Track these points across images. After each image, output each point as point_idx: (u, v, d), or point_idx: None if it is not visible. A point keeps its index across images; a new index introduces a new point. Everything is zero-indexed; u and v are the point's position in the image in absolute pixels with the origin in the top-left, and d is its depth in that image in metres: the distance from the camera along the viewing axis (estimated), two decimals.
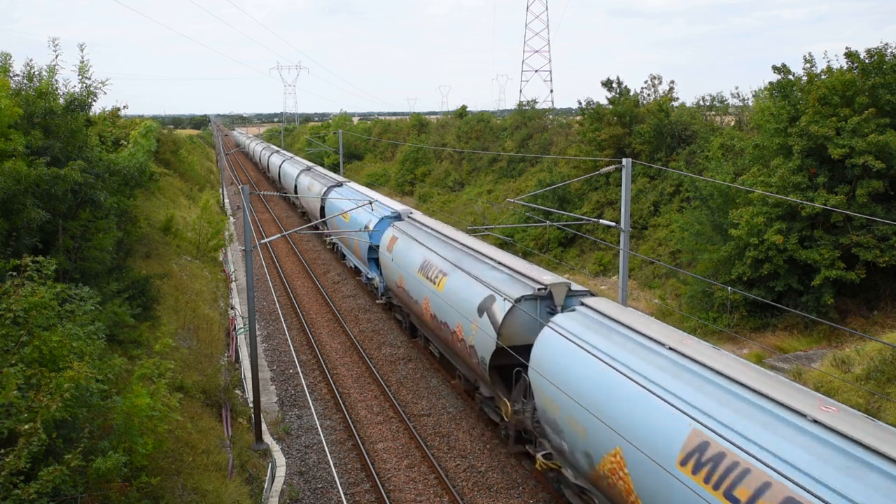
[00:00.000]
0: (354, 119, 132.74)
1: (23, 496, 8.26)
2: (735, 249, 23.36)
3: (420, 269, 22.07)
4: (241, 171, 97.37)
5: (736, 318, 23.85)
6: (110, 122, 32.16)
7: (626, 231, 18.81)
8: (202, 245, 34.11)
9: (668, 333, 12.83)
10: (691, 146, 34.37)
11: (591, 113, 40.08)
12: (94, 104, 17.96)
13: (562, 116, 62.83)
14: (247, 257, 18.27)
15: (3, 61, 17.28)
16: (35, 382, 9.40)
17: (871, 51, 22.61)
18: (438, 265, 20.83)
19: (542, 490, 16.02)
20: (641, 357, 12.18)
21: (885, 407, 15.57)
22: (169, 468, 12.96)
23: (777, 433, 9.27)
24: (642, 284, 30.56)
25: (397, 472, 17.05)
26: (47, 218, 14.13)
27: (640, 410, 11.24)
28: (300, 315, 29.47)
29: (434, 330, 21.25)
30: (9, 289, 10.24)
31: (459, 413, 20.06)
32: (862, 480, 8.06)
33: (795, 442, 8.99)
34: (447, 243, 22.06)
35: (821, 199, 21.41)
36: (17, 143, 13.96)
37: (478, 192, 50.89)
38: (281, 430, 19.29)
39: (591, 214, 36.22)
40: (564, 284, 16.07)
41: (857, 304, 22.49)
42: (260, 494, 15.63)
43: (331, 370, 23.49)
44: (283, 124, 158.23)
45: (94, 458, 9.71)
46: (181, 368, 17.98)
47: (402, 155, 67.79)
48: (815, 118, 22.11)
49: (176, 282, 25.75)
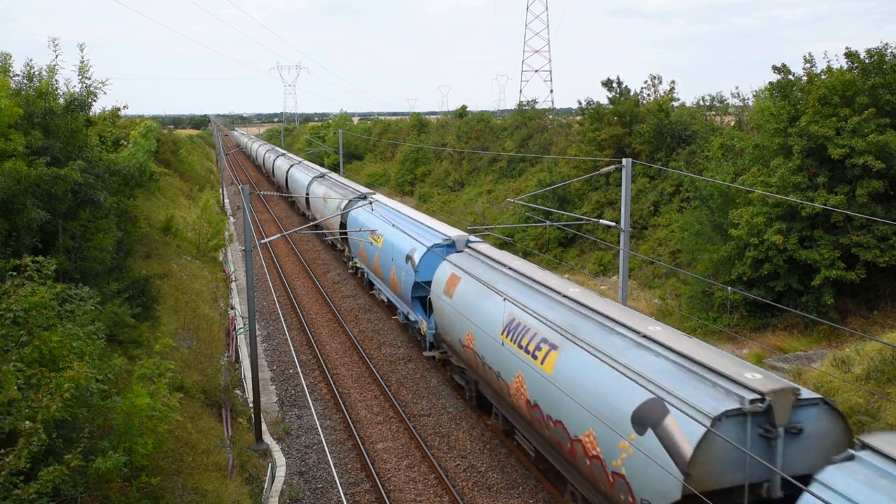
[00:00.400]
0: (354, 119, 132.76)
1: (23, 496, 8.26)
2: (735, 249, 23.36)
3: (505, 329, 16.20)
4: (241, 171, 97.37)
5: (736, 318, 23.84)
6: (110, 122, 32.19)
7: (626, 231, 18.81)
8: (202, 245, 34.11)
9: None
10: (691, 146, 34.37)
11: (591, 113, 40.08)
12: (94, 104, 18.00)
13: (562, 116, 62.84)
14: (247, 257, 18.27)
15: (3, 61, 17.29)
16: (35, 382, 9.40)
17: (871, 51, 22.61)
18: (539, 331, 14.92)
19: (543, 490, 16.02)
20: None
21: (885, 407, 15.57)
22: (169, 468, 12.97)
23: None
24: (642, 284, 30.56)
25: (397, 472, 17.05)
26: (47, 218, 14.13)
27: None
28: (300, 315, 29.47)
29: (534, 424, 15.20)
30: (9, 289, 10.25)
31: (459, 413, 20.05)
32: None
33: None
34: (546, 295, 16.20)
35: (821, 199, 21.41)
36: (17, 143, 13.96)
37: (478, 192, 50.90)
38: (281, 430, 19.29)
39: (591, 214, 36.22)
40: (790, 391, 10.41)
41: (857, 304, 22.49)
42: (260, 494, 15.63)
43: (331, 370, 23.49)
44: (283, 124, 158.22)
45: (94, 458, 9.71)
46: (181, 368, 17.98)
47: (402, 155, 67.78)
48: (815, 118, 22.10)
49: (176, 282, 25.75)
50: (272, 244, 43.52)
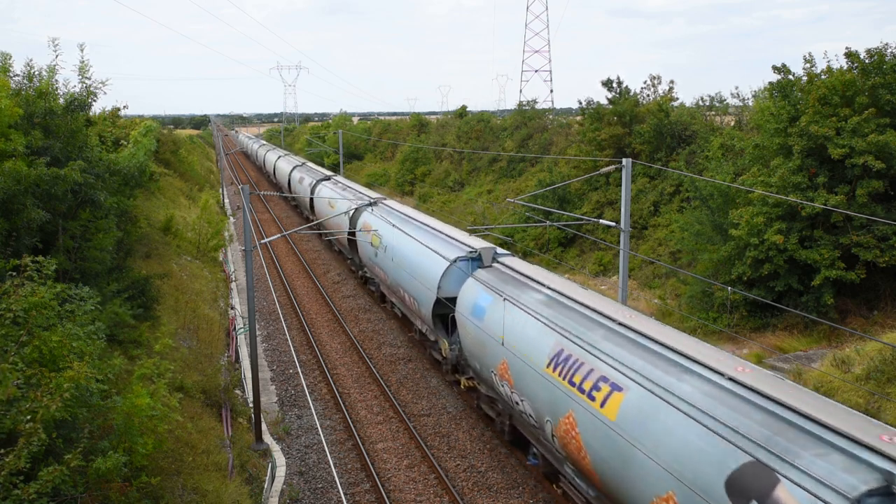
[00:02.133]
0: (354, 119, 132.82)
1: (23, 496, 8.26)
2: (735, 249, 23.36)
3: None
4: (241, 171, 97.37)
5: (736, 318, 23.84)
6: (110, 122, 32.19)
7: (626, 231, 18.80)
8: (202, 245, 34.11)
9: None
10: (691, 146, 34.37)
11: (591, 113, 40.09)
12: (94, 104, 18.00)
13: (562, 116, 62.83)
14: (247, 257, 18.27)
15: (2, 61, 17.29)
16: (35, 382, 9.40)
17: (871, 51, 22.61)
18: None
19: (543, 490, 16.02)
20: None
21: (885, 407, 15.57)
22: (169, 468, 12.97)
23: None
24: (642, 284, 30.56)
25: (397, 472, 17.05)
26: (47, 218, 14.13)
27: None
28: (300, 315, 29.47)
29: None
30: (9, 289, 10.24)
31: (459, 413, 20.05)
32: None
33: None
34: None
35: (821, 199, 21.41)
36: (17, 143, 13.97)
37: (478, 192, 50.90)
38: (281, 430, 19.29)
39: (591, 214, 36.22)
40: None
41: (857, 304, 22.50)
42: (260, 494, 15.63)
43: (331, 370, 23.50)
44: (283, 124, 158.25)
45: (94, 458, 9.71)
46: (181, 368, 17.99)
47: (402, 155, 67.80)
48: (815, 118, 22.10)
49: (176, 282, 25.75)
50: (272, 244, 43.53)
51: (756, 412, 9.75)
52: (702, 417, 10.12)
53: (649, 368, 11.78)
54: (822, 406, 9.51)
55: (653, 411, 11.14)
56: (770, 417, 9.54)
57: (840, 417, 9.12)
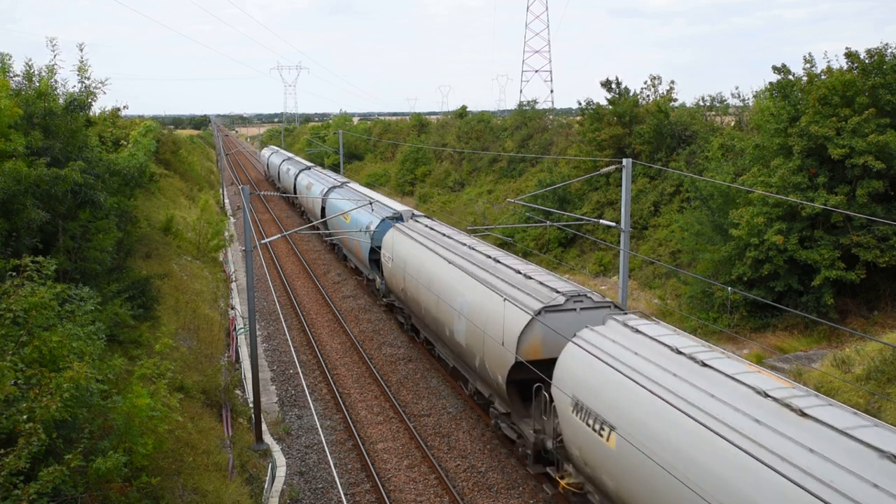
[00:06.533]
0: (354, 119, 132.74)
1: (23, 496, 8.26)
2: (735, 249, 23.36)
3: None
4: (241, 171, 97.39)
5: (736, 319, 23.84)
6: (110, 122, 32.17)
7: (627, 231, 18.80)
8: (202, 245, 34.10)
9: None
10: (691, 146, 34.36)
11: (591, 113, 40.08)
12: (93, 104, 18.01)
13: (562, 116, 62.82)
14: (247, 257, 18.27)
15: (2, 61, 17.29)
16: (35, 382, 9.40)
17: (871, 51, 22.62)
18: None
19: (542, 490, 16.01)
20: None
21: (885, 407, 15.57)
22: (169, 468, 12.96)
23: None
24: (642, 284, 30.56)
25: (397, 473, 17.05)
26: (47, 218, 14.14)
27: None
28: (300, 315, 29.47)
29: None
30: (9, 289, 10.24)
31: (459, 413, 20.06)
32: None
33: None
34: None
35: (821, 199, 21.41)
36: (17, 143, 13.97)
37: (478, 192, 50.90)
38: (281, 431, 19.28)
39: (592, 214, 36.21)
40: None
41: (857, 304, 22.50)
42: (260, 495, 15.63)
43: (331, 370, 23.49)
44: (283, 124, 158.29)
45: (94, 459, 9.70)
46: (181, 368, 17.98)
47: (403, 155, 67.80)
48: (816, 118, 22.11)
49: (176, 282, 25.74)
50: (272, 244, 43.53)
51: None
52: None
53: None
54: None
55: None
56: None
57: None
